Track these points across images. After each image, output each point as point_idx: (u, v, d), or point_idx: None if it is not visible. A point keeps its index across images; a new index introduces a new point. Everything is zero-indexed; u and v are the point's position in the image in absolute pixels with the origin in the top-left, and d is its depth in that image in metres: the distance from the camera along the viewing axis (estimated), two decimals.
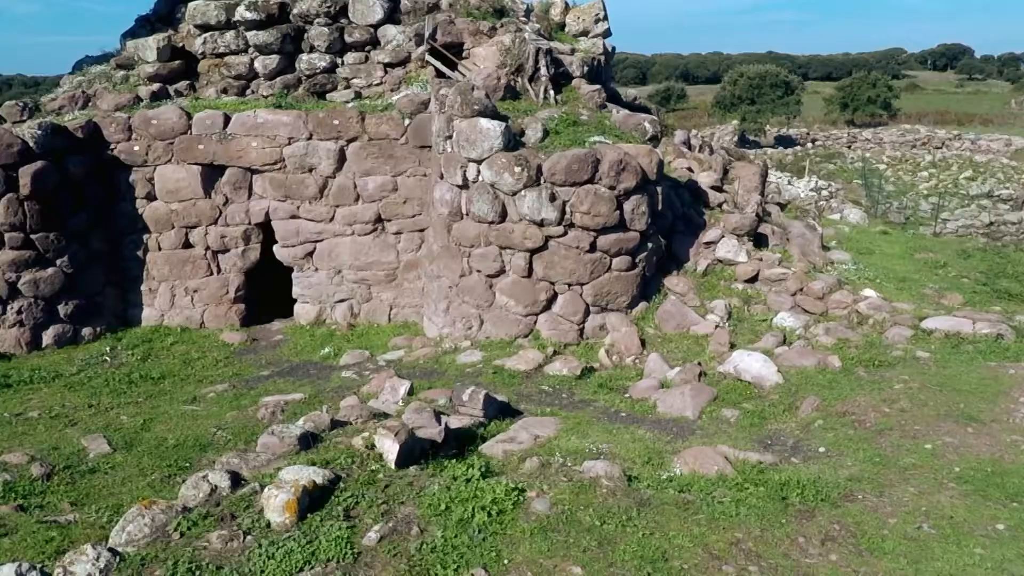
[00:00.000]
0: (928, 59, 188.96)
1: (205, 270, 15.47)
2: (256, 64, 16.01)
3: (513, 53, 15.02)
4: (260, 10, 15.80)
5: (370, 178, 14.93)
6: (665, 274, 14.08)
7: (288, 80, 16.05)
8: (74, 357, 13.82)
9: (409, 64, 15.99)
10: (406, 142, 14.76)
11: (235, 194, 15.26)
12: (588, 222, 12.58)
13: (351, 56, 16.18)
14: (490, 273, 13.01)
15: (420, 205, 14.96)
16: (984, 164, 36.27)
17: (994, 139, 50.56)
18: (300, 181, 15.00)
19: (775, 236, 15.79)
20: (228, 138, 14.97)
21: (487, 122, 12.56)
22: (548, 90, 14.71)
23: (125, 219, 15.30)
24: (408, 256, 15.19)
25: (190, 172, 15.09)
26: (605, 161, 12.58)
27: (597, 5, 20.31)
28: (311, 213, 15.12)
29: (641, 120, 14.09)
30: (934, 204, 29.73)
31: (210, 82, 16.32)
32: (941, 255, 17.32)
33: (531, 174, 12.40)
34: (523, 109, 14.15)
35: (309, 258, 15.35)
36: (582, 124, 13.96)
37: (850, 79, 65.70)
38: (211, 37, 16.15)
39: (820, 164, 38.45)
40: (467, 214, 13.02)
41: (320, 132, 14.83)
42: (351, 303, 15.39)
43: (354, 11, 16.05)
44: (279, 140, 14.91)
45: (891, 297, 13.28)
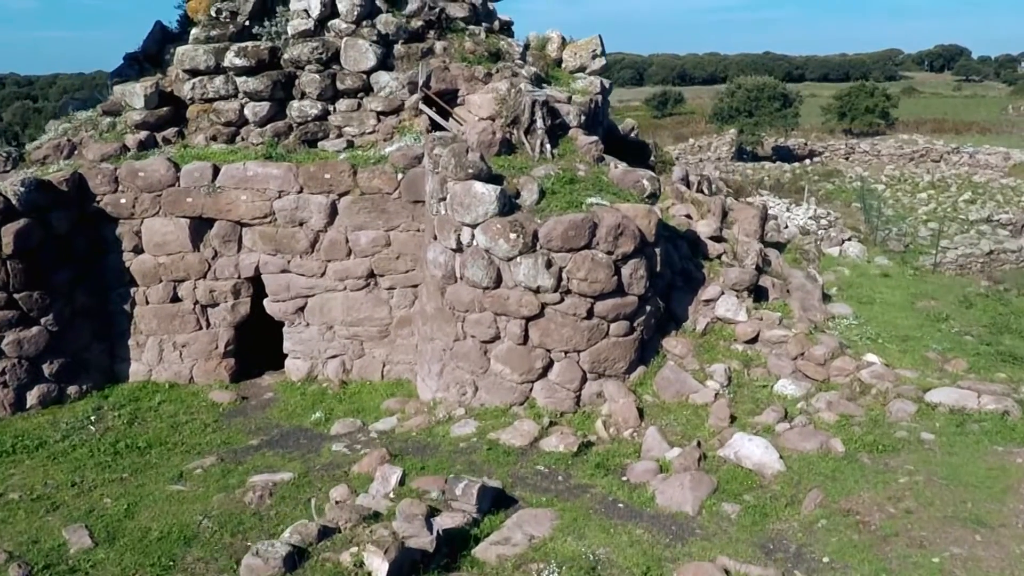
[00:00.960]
0: (925, 60, 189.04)
1: (194, 324, 15.15)
2: (246, 111, 15.67)
3: (509, 104, 14.71)
4: (250, 56, 15.46)
5: (362, 233, 14.62)
6: (663, 334, 13.81)
7: (279, 127, 15.70)
8: (59, 420, 13.50)
9: (403, 112, 15.66)
10: (399, 197, 14.45)
11: (224, 247, 14.94)
12: (585, 288, 12.29)
13: (343, 103, 15.84)
14: (485, 339, 12.72)
15: (413, 260, 14.65)
16: (983, 185, 36.03)
17: (992, 153, 50.37)
18: (291, 235, 14.69)
19: (775, 289, 15.52)
20: (217, 191, 14.64)
21: (482, 187, 12.25)
22: (544, 144, 14.40)
23: (112, 273, 14.97)
24: (401, 312, 14.88)
25: (178, 225, 14.76)
26: (603, 226, 12.29)
27: (594, 41, 20.06)
28: (302, 268, 14.80)
29: (639, 178, 13.79)
30: (933, 230, 29.47)
31: (199, 128, 15.97)
32: (942, 302, 17.05)
33: (527, 241, 12.10)
34: (519, 166, 13.84)
35: (300, 313, 15.04)
36: (579, 181, 13.67)
37: (848, 87, 65.23)
38: (200, 82, 15.80)
39: (818, 183, 38.19)
40: (461, 278, 12.72)
41: (311, 186, 14.52)
42: (343, 359, 15.09)
43: (346, 57, 15.72)
44: (269, 193, 14.59)
45: (894, 363, 13.00)
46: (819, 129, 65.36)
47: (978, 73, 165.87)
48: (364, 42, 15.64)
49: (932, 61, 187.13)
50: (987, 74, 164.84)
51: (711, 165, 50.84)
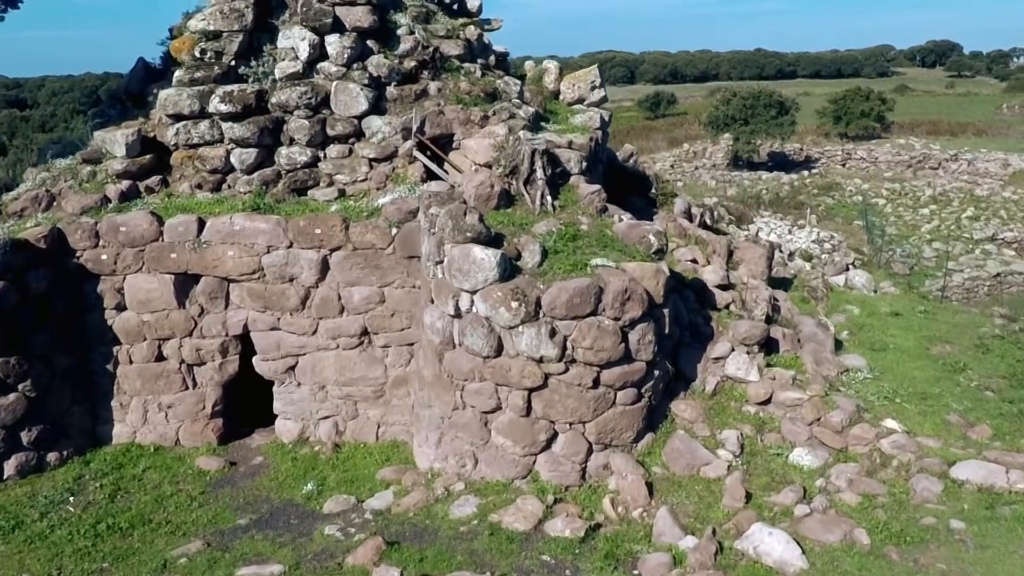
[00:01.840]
0: (917, 56, 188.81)
1: (180, 384, 14.48)
2: (232, 158, 14.98)
3: (507, 153, 14.05)
4: (235, 101, 14.77)
5: (355, 289, 13.97)
6: (672, 396, 13.22)
7: (267, 175, 15.02)
8: (38, 492, 12.85)
9: (396, 159, 15.00)
10: (393, 252, 13.80)
11: (211, 304, 14.28)
12: (591, 357, 11.67)
13: (334, 149, 15.17)
14: (485, 410, 12.09)
15: (409, 318, 14.01)
16: (985, 199, 35.50)
17: (991, 159, 49.92)
18: (280, 292, 14.03)
19: (786, 340, 14.93)
20: (202, 246, 13.97)
21: (481, 251, 11.61)
22: (545, 195, 13.75)
23: (93, 331, 14.30)
24: (397, 371, 14.24)
25: (162, 282, 14.09)
26: (609, 291, 11.66)
27: (592, 72, 19.49)
28: (292, 325, 14.15)
29: (645, 232, 13.15)
30: (938, 251, 28.94)
31: (184, 176, 15.28)
32: (957, 346, 16.47)
33: (529, 309, 11.47)
34: (518, 221, 13.20)
35: (291, 372, 14.39)
36: (582, 237, 13.04)
37: (843, 91, 64.62)
38: (184, 127, 15.11)
39: (818, 197, 37.61)
40: (460, 345, 12.08)
41: (301, 240, 13.86)
42: (336, 420, 14.44)
43: (336, 102, 15.04)
44: (257, 248, 13.93)
45: (914, 428, 12.41)
46: (814, 132, 64.80)
47: (970, 69, 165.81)
48: (355, 86, 14.98)
49: (924, 57, 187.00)
50: (979, 69, 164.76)
51: (708, 174, 50.34)
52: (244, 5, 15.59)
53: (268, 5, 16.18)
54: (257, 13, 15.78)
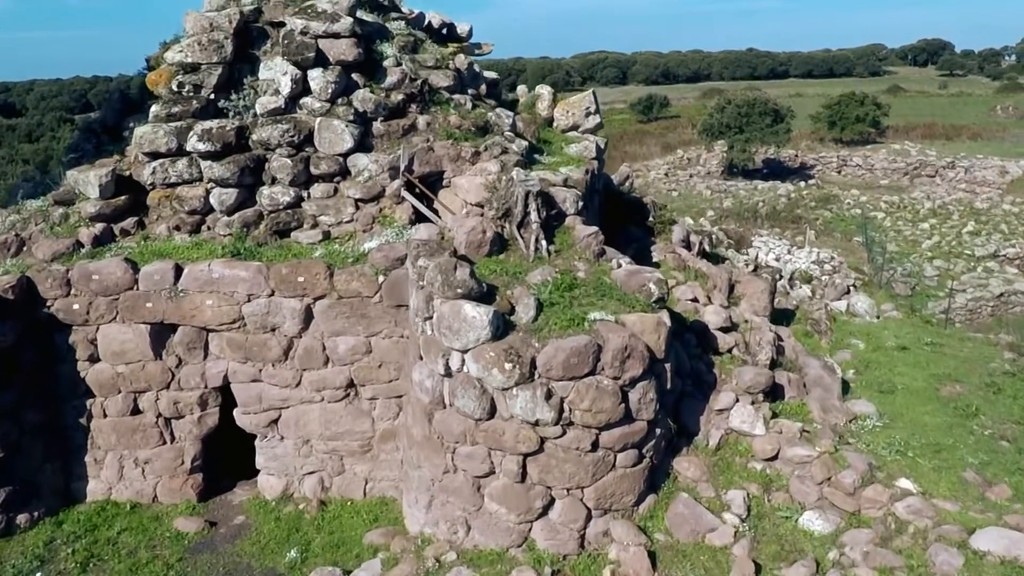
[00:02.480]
0: (909, 55, 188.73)
1: (157, 439, 13.79)
2: (212, 198, 14.29)
3: (500, 194, 13.39)
4: (214, 140, 14.07)
5: (340, 339, 13.30)
6: (674, 453, 12.61)
7: (248, 216, 14.33)
8: (5, 560, 12.18)
9: (383, 199, 14.33)
10: (380, 300, 13.14)
11: (189, 355, 13.59)
12: (589, 420, 11.02)
13: (318, 189, 14.49)
14: (478, 474, 11.44)
15: (397, 369, 13.35)
16: (985, 212, 34.95)
17: (988, 166, 49.43)
18: (262, 342, 13.35)
19: (791, 386, 14.32)
20: (179, 295, 13.29)
21: (472, 309, 10.94)
22: (540, 240, 13.09)
23: (65, 384, 13.60)
24: (385, 425, 13.58)
25: (137, 332, 13.40)
26: (608, 350, 11.02)
27: (587, 98, 18.84)
28: (275, 377, 13.48)
29: (645, 281, 12.48)
30: (940, 269, 28.38)
31: (161, 217, 14.58)
32: (967, 385, 15.89)
33: (524, 371, 10.81)
34: (512, 270, 12.53)
35: (274, 426, 13.72)
36: (579, 286, 12.38)
37: (838, 97, 64.09)
38: (161, 166, 14.41)
39: (815, 210, 37.01)
40: (450, 405, 11.43)
41: (283, 289, 13.18)
42: (321, 476, 13.78)
43: (320, 139, 14.37)
44: (237, 297, 13.25)
45: (930, 488, 11.81)
46: (809, 138, 64.27)
47: (962, 67, 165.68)
48: (340, 122, 14.30)
49: (916, 56, 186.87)
50: (971, 68, 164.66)
51: (702, 183, 49.72)
52: (223, 36, 14.93)
53: (248, 35, 15.53)
54: (237, 44, 15.13)
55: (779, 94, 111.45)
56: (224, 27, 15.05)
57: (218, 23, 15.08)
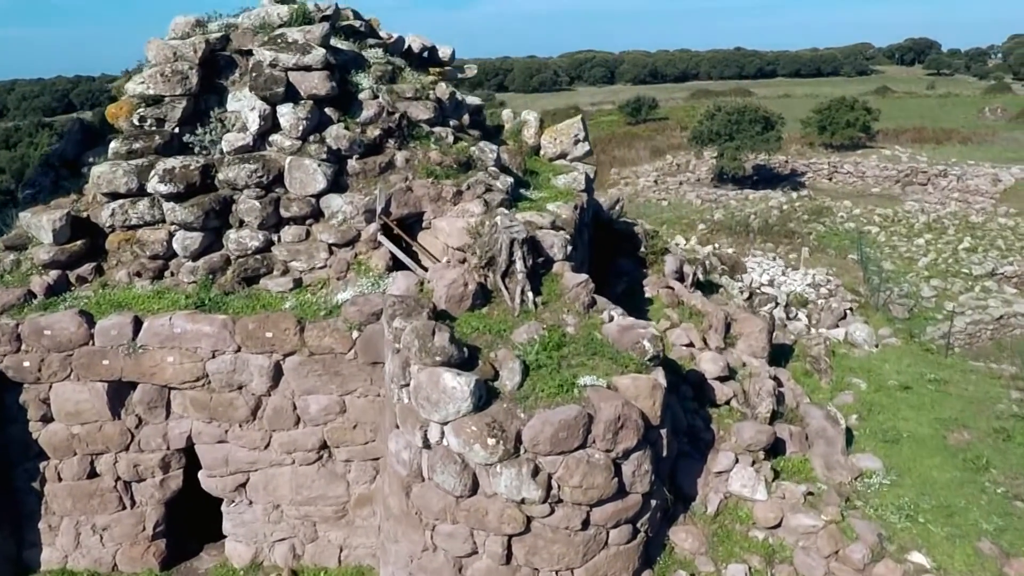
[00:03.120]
0: (896, 54, 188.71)
1: (116, 504, 12.87)
2: (175, 242, 13.35)
3: (483, 242, 12.52)
4: (177, 180, 13.14)
5: (312, 398, 12.40)
6: (671, 521, 11.77)
7: (214, 262, 13.39)
8: None
9: (358, 244, 13.42)
10: (355, 357, 12.24)
11: (149, 414, 12.67)
12: (580, 497, 10.18)
13: (289, 232, 13.57)
14: (459, 554, 10.57)
15: (373, 430, 12.46)
16: (981, 226, 34.28)
17: (980, 173, 48.83)
18: (228, 401, 12.44)
19: (793, 440, 13.52)
20: (138, 351, 12.35)
21: (452, 379, 10.06)
22: (526, 291, 12.21)
23: (16, 446, 12.66)
24: (360, 489, 12.69)
25: (94, 391, 12.47)
26: (600, 421, 10.17)
27: (576, 125, 18.01)
28: (242, 438, 12.57)
29: (639, 337, 11.61)
30: (937, 289, 27.68)
31: (121, 262, 13.63)
32: (975, 432, 15.16)
33: (508, 446, 9.95)
34: (496, 327, 11.65)
35: (242, 490, 12.81)
36: (568, 343, 11.52)
37: (828, 102, 63.35)
38: (120, 208, 13.49)
39: (808, 223, 36.27)
40: (429, 479, 10.54)
41: (250, 345, 12.26)
42: (293, 543, 12.89)
43: (291, 179, 13.45)
44: (201, 353, 12.33)
45: (944, 563, 11.04)
46: (799, 142, 63.56)
47: (949, 67, 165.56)
48: (311, 161, 13.38)
49: (903, 55, 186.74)
50: (958, 67, 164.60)
51: (693, 192, 48.95)
52: (188, 67, 14.01)
53: (216, 65, 14.61)
54: (203, 74, 14.22)
55: (767, 94, 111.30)
56: (189, 57, 14.13)
57: (183, 52, 14.16)
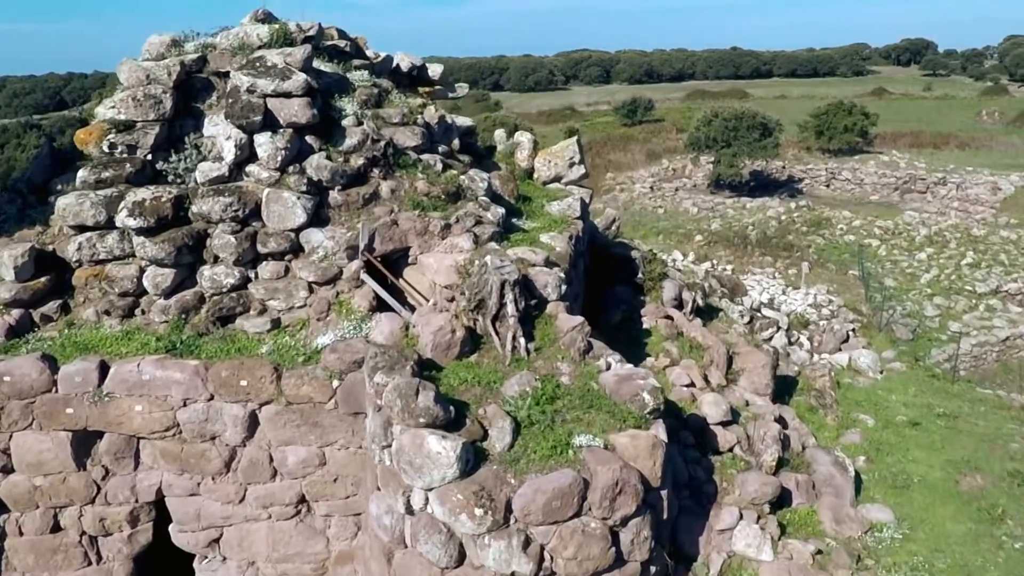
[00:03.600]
0: (892, 54, 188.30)
1: (81, 559, 12.11)
2: (145, 279, 12.58)
3: (472, 282, 11.76)
4: (147, 214, 12.37)
5: (290, 449, 11.66)
6: None
7: (187, 301, 12.62)
8: None
9: (340, 282, 12.65)
10: (335, 407, 11.50)
11: (117, 465, 11.91)
12: (574, 569, 9.46)
13: (266, 269, 12.81)
14: None
15: (355, 484, 11.72)
16: (983, 240, 33.62)
17: (979, 181, 48.21)
18: (200, 452, 11.69)
19: (800, 490, 12.84)
20: (105, 399, 11.59)
21: (437, 443, 9.31)
22: (518, 337, 11.46)
23: None
24: (341, 546, 11.95)
25: (57, 440, 11.71)
26: (596, 487, 9.46)
27: (571, 148, 17.27)
28: (215, 492, 11.82)
29: (638, 389, 10.86)
30: (940, 307, 27.03)
31: (88, 299, 12.85)
32: (988, 476, 14.50)
33: (497, 517, 9.22)
34: (485, 378, 10.92)
35: (215, 545, 12.07)
36: (563, 396, 10.79)
37: (826, 106, 62.64)
38: (88, 241, 12.72)
39: (808, 236, 35.60)
40: (412, 547, 9.80)
41: (224, 393, 11.51)
42: None
43: (269, 213, 12.69)
44: (171, 402, 11.58)
45: None
46: (796, 146, 62.89)
47: (945, 67, 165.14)
48: (290, 194, 12.63)
49: (899, 55, 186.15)
50: (954, 68, 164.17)
51: (689, 200, 48.25)
52: (162, 91, 13.25)
53: (191, 88, 13.87)
54: (178, 98, 13.49)
55: (763, 95, 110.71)
56: (163, 80, 13.37)
57: (156, 75, 13.39)
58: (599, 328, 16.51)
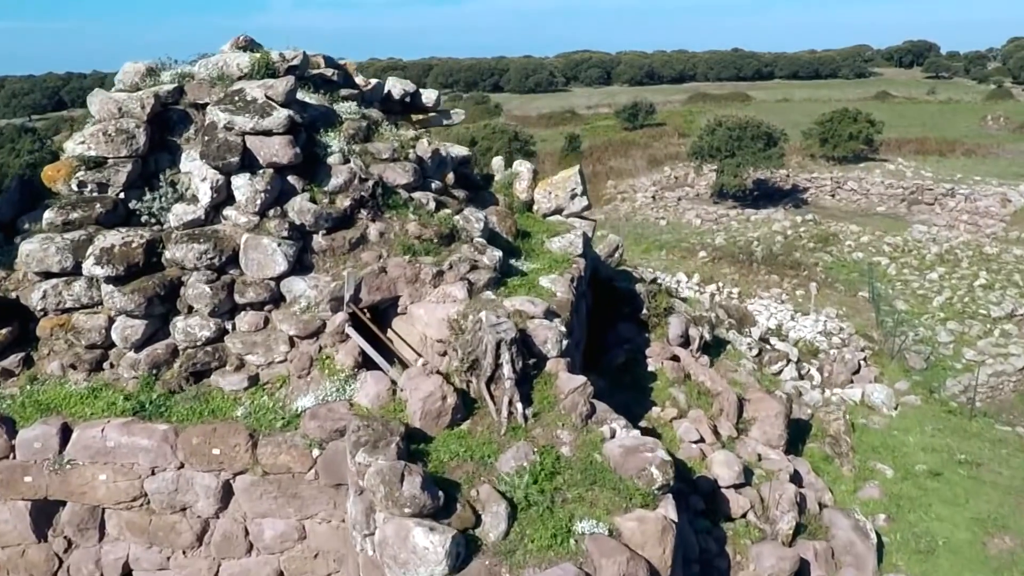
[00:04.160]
0: (894, 56, 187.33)
1: None
2: (114, 331, 11.69)
3: (466, 340, 10.85)
4: (116, 261, 11.46)
5: (267, 522, 10.77)
6: None
7: (158, 355, 11.71)
8: None
9: (323, 336, 11.72)
10: (315, 477, 10.59)
11: (80, 537, 11.02)
12: None
13: (244, 320, 11.91)
14: None
15: (337, 560, 10.82)
16: (995, 258, 32.68)
17: (988, 193, 47.25)
18: (170, 525, 10.79)
19: (819, 561, 11.93)
20: (66, 467, 10.70)
21: (424, 536, 8.39)
22: (514, 402, 10.54)
23: None
24: None
25: (15, 511, 10.84)
26: None
27: (573, 178, 16.36)
28: (187, 567, 10.93)
29: (646, 463, 9.92)
30: (954, 333, 26.12)
31: (53, 351, 11.95)
32: (1016, 537, 13.61)
33: None
34: (479, 451, 9.99)
35: None
36: (564, 471, 9.87)
37: (831, 113, 61.70)
38: (53, 288, 11.82)
39: (815, 252, 34.66)
40: None
41: (195, 461, 10.60)
42: None
43: (247, 261, 11.77)
44: (138, 470, 10.68)
45: None
46: (800, 153, 61.96)
47: (947, 69, 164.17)
48: (270, 240, 11.72)
49: (901, 57, 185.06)
50: (956, 70, 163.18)
51: (692, 210, 47.31)
52: (135, 125, 12.40)
53: (167, 120, 13.00)
54: (153, 131, 12.66)
55: (765, 97, 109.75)
56: (136, 113, 12.50)
57: (129, 108, 12.53)
58: (601, 370, 15.64)
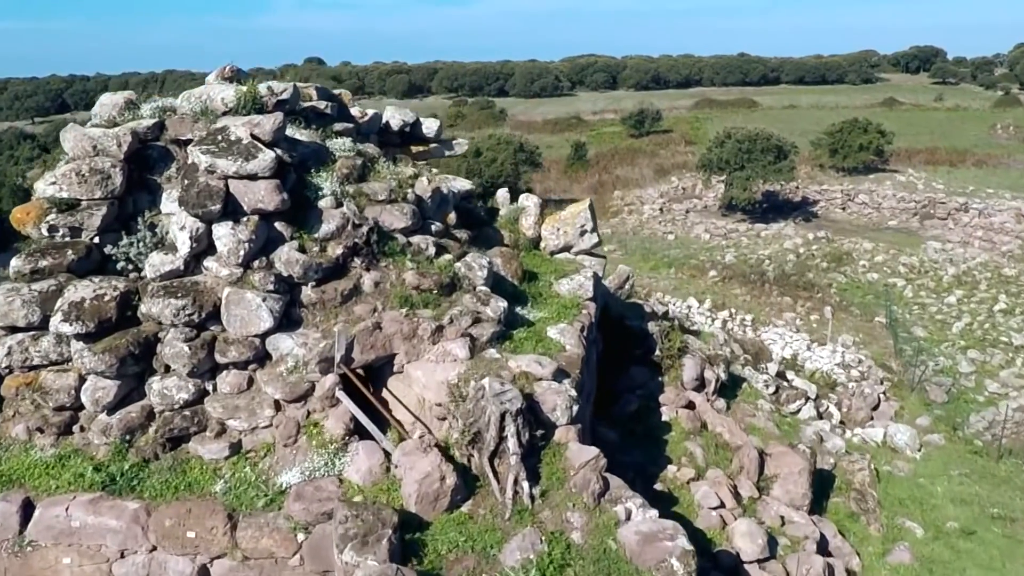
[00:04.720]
0: (901, 61, 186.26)
1: None
2: (84, 393, 10.71)
3: (467, 410, 9.88)
4: (87, 317, 10.49)
5: None
6: None
7: (132, 419, 10.74)
8: None
9: (311, 399, 10.74)
10: (300, 563, 9.60)
11: None
12: None
13: (226, 381, 10.94)
14: None
15: None
16: (1014, 280, 31.65)
17: (1003, 207, 46.22)
18: None
19: None
20: (27, 549, 9.74)
21: None
22: (520, 480, 9.56)
23: None
24: None
25: None
26: None
27: (583, 214, 15.39)
28: None
29: (665, 554, 8.95)
30: (975, 362, 25.09)
31: (19, 413, 11.00)
32: None
33: None
34: (480, 540, 9.04)
35: None
36: (574, 561, 8.92)
37: (840, 124, 60.67)
38: (19, 345, 10.87)
39: (828, 273, 33.64)
40: None
41: (168, 544, 9.63)
42: None
43: (229, 316, 10.79)
44: (106, 552, 9.73)
45: None
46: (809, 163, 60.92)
47: (955, 75, 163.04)
48: (255, 295, 10.74)
49: (908, 62, 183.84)
50: (963, 76, 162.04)
51: (701, 224, 46.30)
52: (111, 164, 11.46)
53: (146, 158, 12.04)
54: (130, 170, 11.70)
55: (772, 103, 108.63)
56: (112, 151, 11.56)
57: (104, 146, 11.58)
58: (613, 420, 14.70)
